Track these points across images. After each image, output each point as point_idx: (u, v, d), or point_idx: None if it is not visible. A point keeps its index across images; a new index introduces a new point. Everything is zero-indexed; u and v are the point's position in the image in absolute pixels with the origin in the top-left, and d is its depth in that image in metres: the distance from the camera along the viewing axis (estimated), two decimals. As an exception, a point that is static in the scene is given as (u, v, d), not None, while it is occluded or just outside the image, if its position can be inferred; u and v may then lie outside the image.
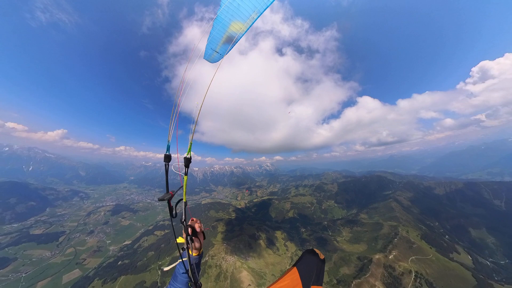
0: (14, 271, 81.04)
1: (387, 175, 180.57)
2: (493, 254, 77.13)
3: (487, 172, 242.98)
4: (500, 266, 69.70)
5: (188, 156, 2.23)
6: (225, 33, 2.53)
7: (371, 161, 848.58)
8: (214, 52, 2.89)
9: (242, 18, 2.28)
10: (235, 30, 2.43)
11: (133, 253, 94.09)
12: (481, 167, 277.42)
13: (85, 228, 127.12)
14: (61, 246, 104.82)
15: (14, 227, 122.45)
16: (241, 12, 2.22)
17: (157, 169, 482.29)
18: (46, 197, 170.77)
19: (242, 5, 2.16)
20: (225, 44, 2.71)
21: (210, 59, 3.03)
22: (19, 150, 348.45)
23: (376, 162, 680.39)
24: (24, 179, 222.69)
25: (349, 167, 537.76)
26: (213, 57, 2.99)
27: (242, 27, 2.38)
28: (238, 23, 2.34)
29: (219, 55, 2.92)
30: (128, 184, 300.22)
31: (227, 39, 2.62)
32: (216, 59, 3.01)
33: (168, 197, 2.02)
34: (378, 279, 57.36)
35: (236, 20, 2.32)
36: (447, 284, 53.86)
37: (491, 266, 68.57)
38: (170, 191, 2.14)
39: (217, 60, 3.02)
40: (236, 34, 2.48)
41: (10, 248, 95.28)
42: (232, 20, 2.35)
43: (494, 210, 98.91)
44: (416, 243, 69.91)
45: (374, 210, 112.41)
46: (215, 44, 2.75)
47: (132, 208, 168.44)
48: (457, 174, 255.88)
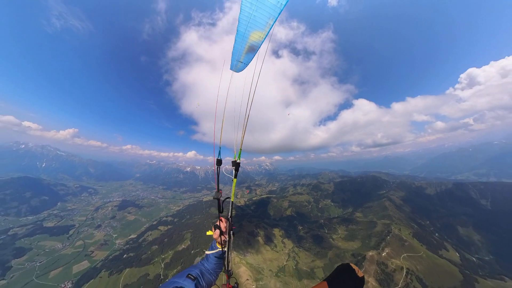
0: (29, 260, 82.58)
1: (382, 175, 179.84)
2: (479, 250, 78.22)
3: (475, 173, 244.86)
4: (484, 262, 70.51)
5: (238, 161, 2.41)
6: (247, 44, 2.60)
7: (367, 161, 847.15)
8: (239, 63, 2.99)
9: (260, 27, 2.31)
10: (255, 39, 2.50)
11: (137, 246, 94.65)
12: (469, 168, 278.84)
13: (93, 222, 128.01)
14: (71, 238, 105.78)
15: (29, 219, 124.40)
16: (258, 22, 2.27)
17: (161, 167, 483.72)
18: (58, 192, 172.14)
19: (257, 15, 2.20)
20: (248, 54, 2.81)
21: (235, 69, 3.15)
22: (33, 147, 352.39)
23: (371, 163, 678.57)
24: (38, 175, 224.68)
25: (345, 167, 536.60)
26: (238, 67, 3.10)
27: (261, 35, 2.41)
28: (257, 33, 2.40)
29: (244, 64, 3.02)
30: (134, 181, 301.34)
31: (249, 49, 2.70)
32: (241, 68, 3.11)
33: (219, 196, 2.32)
34: (371, 275, 57.33)
35: (255, 30, 2.37)
36: (435, 279, 53.84)
37: (477, 262, 68.94)
38: (220, 191, 2.41)
39: (242, 69, 3.13)
40: (257, 43, 2.54)
41: (25, 239, 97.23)
42: (251, 31, 2.40)
43: (480, 209, 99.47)
44: (408, 241, 69.78)
45: (369, 209, 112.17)
46: (239, 56, 2.85)
47: (137, 204, 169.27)
48: (447, 175, 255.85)
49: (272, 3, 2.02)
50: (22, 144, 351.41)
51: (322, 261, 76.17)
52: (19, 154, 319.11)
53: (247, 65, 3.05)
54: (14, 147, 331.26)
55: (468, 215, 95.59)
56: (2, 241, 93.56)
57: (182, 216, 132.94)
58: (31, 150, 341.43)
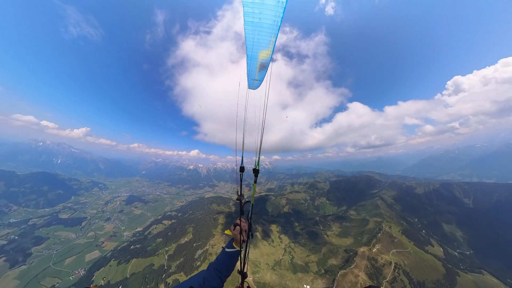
0: (47, 248, 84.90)
1: (375, 175, 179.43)
2: (461, 245, 79.26)
3: (459, 174, 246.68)
4: (465, 256, 71.28)
5: (257, 168, 2.47)
6: (258, 64, 2.80)
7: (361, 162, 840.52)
8: (254, 81, 3.18)
9: (265, 46, 2.48)
10: (264, 57, 2.68)
11: (143, 239, 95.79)
12: (454, 169, 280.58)
13: (103, 215, 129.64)
14: (84, 230, 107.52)
15: (46, 211, 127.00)
16: (262, 42, 2.44)
17: (165, 164, 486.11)
18: (71, 186, 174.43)
19: (260, 37, 2.36)
20: (261, 71, 2.98)
21: (253, 87, 3.35)
22: (50, 145, 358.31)
23: (365, 163, 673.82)
24: (54, 170, 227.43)
25: (340, 167, 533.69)
26: (254, 85, 3.29)
27: (268, 52, 2.59)
28: (264, 52, 2.57)
29: (259, 81, 3.19)
30: (140, 178, 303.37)
31: (261, 67, 2.89)
32: (257, 85, 3.28)
33: (241, 198, 2.36)
34: (362, 270, 57.61)
35: (261, 50, 2.56)
36: (421, 273, 54.09)
37: (459, 256, 69.37)
38: (241, 194, 2.42)
39: (258, 86, 3.29)
40: (266, 60, 2.67)
41: (43, 229, 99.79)
42: (258, 51, 2.58)
43: (463, 208, 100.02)
44: (397, 238, 69.90)
45: (362, 207, 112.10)
46: (253, 75, 3.04)
47: (143, 199, 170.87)
48: (434, 175, 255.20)
49: (269, 23, 2.27)
50: (40, 141, 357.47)
51: (316, 256, 76.43)
52: (38, 151, 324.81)
53: (261, 82, 3.25)
54: (33, 145, 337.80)
55: (453, 213, 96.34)
56: (23, 230, 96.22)
57: (185, 211, 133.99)
58: (48, 147, 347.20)
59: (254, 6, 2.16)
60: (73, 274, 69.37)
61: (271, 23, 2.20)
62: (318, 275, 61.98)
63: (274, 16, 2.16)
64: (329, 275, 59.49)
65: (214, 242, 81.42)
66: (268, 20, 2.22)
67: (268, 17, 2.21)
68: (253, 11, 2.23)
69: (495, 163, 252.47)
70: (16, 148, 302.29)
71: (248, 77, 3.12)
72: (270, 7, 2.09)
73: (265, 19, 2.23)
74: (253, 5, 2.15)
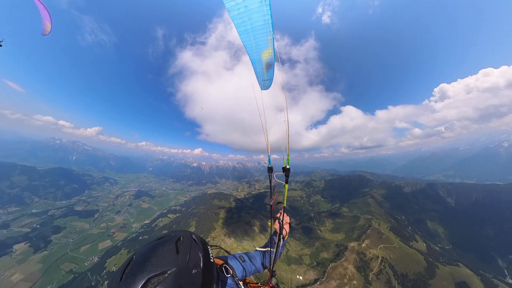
0: (64, 237, 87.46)
1: (367, 175, 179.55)
2: (442, 241, 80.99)
3: (444, 175, 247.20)
4: (445, 251, 72.70)
5: (287, 167, 2.21)
6: (263, 64, 2.68)
7: (354, 162, 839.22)
8: (265, 81, 3.01)
9: (264, 46, 2.38)
10: (267, 57, 2.56)
11: (151, 230, 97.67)
12: (439, 170, 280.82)
13: (114, 208, 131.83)
14: (96, 221, 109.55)
15: (63, 203, 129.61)
16: (261, 43, 2.36)
17: (171, 162, 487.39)
18: (85, 181, 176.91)
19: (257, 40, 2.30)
20: (269, 71, 2.84)
21: (265, 87, 3.17)
22: (66, 143, 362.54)
23: (359, 163, 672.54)
24: (69, 166, 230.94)
25: (335, 167, 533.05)
26: (266, 85, 3.13)
27: (270, 51, 2.47)
28: (266, 52, 2.46)
29: (269, 80, 3.04)
30: (148, 174, 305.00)
31: (267, 67, 2.76)
32: (268, 85, 3.12)
33: (272, 201, 2.16)
34: (351, 263, 58.81)
35: (262, 51, 2.43)
36: (404, 266, 55.51)
37: (439, 251, 70.58)
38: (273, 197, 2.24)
39: (269, 85, 3.13)
40: (270, 59, 2.60)
41: (61, 219, 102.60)
42: (260, 53, 2.47)
43: (446, 206, 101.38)
44: (385, 234, 70.97)
45: (354, 204, 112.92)
46: (262, 76, 2.91)
47: (150, 194, 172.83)
48: (421, 175, 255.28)
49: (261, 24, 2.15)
50: (58, 140, 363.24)
51: (310, 249, 77.56)
52: (55, 148, 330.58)
53: (272, 80, 3.06)
54: (51, 142, 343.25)
55: (436, 211, 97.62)
56: (44, 220, 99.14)
57: (189, 206, 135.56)
58: (64, 145, 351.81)
59: (242, 16, 2.17)
60: (88, 261, 71.61)
61: (263, 23, 2.16)
62: (311, 267, 63.34)
63: (263, 16, 2.11)
64: (320, 267, 60.81)
65: (215, 234, 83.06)
66: (259, 22, 2.18)
67: (257, 19, 2.17)
68: (243, 21, 2.21)
69: (475, 165, 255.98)
70: (37, 145, 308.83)
71: (258, 79, 2.97)
72: (256, 9, 2.06)
73: (256, 22, 2.19)
74: (240, 16, 2.16)
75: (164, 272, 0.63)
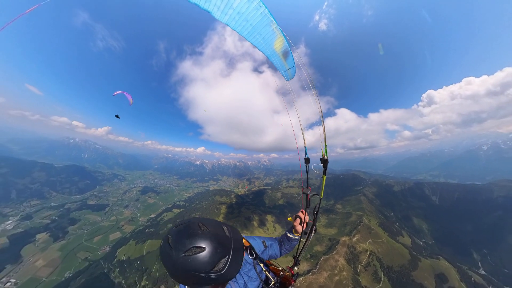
0: (79, 228, 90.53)
1: (360, 174, 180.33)
2: (425, 236, 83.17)
3: (430, 174, 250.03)
4: (428, 245, 74.43)
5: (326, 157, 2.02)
6: (279, 54, 2.48)
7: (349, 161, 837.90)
8: (287, 71, 2.81)
9: (273, 37, 2.23)
10: (279, 46, 2.38)
11: (156, 224, 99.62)
12: (426, 170, 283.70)
13: (122, 203, 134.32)
14: (107, 214, 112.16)
15: (77, 197, 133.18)
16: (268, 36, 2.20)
17: (175, 160, 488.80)
18: (96, 178, 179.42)
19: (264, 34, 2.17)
20: (288, 59, 2.61)
21: (289, 77, 2.93)
22: (79, 142, 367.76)
23: (353, 162, 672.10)
24: (82, 164, 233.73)
25: (331, 166, 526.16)
26: (290, 74, 2.87)
27: (281, 39, 2.29)
28: (276, 42, 2.30)
29: (292, 68, 2.81)
30: (153, 171, 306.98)
31: (284, 56, 2.54)
32: (292, 73, 2.87)
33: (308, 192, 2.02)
34: (342, 256, 60.38)
35: (273, 42, 2.28)
36: (390, 259, 57.31)
37: (423, 245, 72.04)
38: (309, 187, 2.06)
39: (293, 73, 2.89)
40: (285, 47, 2.40)
41: (76, 212, 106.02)
42: (272, 44, 2.30)
43: (430, 204, 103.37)
44: (374, 229, 72.59)
45: (347, 201, 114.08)
46: (283, 66, 2.70)
47: (156, 190, 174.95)
48: (410, 175, 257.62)
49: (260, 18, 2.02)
50: (71, 139, 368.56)
51: (304, 242, 79.39)
52: (70, 147, 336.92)
53: (295, 67, 2.79)
54: (66, 141, 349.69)
55: (422, 208, 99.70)
56: (61, 212, 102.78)
57: (192, 201, 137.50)
58: (77, 144, 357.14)
59: (240, 22, 2.08)
60: (100, 250, 74.47)
61: (261, 17, 2.03)
62: (304, 259, 64.90)
63: (256, 10, 1.99)
64: (313, 260, 62.50)
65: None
66: (256, 18, 2.05)
67: (254, 17, 2.05)
68: (242, 26, 2.14)
69: (458, 166, 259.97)
70: (53, 144, 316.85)
71: (280, 70, 2.77)
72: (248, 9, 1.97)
73: (253, 19, 2.07)
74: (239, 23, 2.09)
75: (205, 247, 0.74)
